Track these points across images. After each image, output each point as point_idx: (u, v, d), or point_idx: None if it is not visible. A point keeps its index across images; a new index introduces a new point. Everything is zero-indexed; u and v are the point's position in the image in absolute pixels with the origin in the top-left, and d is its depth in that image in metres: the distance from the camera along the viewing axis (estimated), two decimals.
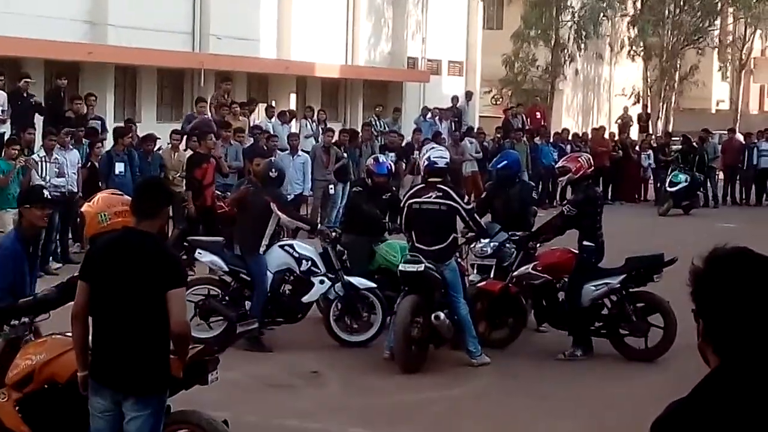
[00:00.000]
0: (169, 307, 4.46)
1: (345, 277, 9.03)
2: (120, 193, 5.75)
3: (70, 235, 12.96)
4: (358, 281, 9.04)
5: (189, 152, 13.74)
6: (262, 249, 8.90)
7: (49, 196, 5.94)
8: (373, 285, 9.07)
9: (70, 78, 17.44)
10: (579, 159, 9.25)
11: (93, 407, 4.64)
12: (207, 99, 17.60)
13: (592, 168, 9.12)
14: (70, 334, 5.18)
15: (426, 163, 8.68)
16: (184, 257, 10.43)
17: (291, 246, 9.13)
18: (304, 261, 9.01)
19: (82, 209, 5.64)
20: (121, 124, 15.79)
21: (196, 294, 8.91)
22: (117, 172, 12.85)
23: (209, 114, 16.51)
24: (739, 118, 36.15)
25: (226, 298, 9.00)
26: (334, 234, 9.27)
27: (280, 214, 8.96)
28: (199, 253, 9.16)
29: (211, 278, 9.37)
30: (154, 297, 4.48)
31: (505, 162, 10.03)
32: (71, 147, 12.96)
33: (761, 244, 2.31)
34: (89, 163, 13.18)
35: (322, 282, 8.97)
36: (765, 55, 47.08)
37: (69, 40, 19.28)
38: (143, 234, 4.63)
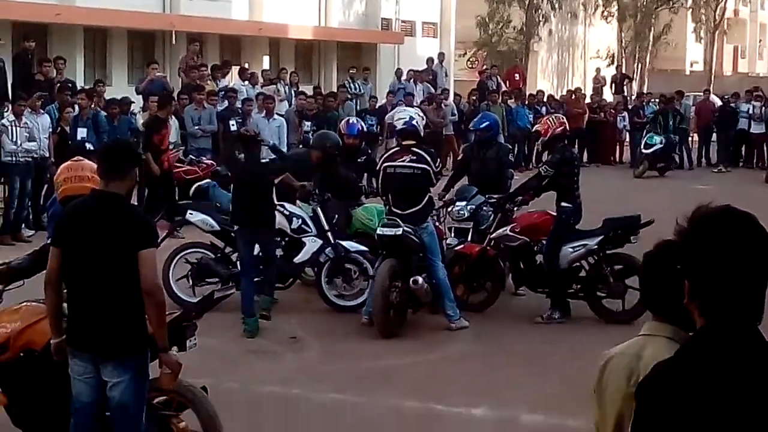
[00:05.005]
0: (140, 268, 4.41)
1: (336, 240, 8.95)
2: (80, 159, 5.68)
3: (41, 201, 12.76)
4: (349, 244, 8.95)
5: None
6: None
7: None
8: (365, 248, 8.88)
9: (38, 40, 17.14)
10: (547, 121, 9.26)
11: (73, 371, 4.60)
12: (161, 62, 17.38)
13: (562, 127, 9.02)
14: (44, 301, 5.13)
15: (394, 126, 8.67)
16: (159, 220, 10.36)
17: (281, 205, 9.02)
18: (294, 219, 8.95)
19: None
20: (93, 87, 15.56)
21: (192, 256, 8.95)
22: (79, 137, 12.63)
23: (167, 76, 16.34)
24: (713, 79, 36.27)
25: (218, 257, 8.95)
26: (326, 196, 9.17)
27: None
28: (190, 213, 9.09)
29: (202, 242, 9.26)
30: (125, 258, 4.43)
31: (487, 123, 9.98)
32: (42, 111, 12.74)
33: (737, 204, 2.26)
34: (59, 128, 12.96)
35: (313, 241, 8.89)
36: (738, 15, 47.22)
37: (36, 1, 18.93)
38: (111, 195, 4.57)
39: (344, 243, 8.94)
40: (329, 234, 8.95)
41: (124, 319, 4.50)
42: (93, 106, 13.53)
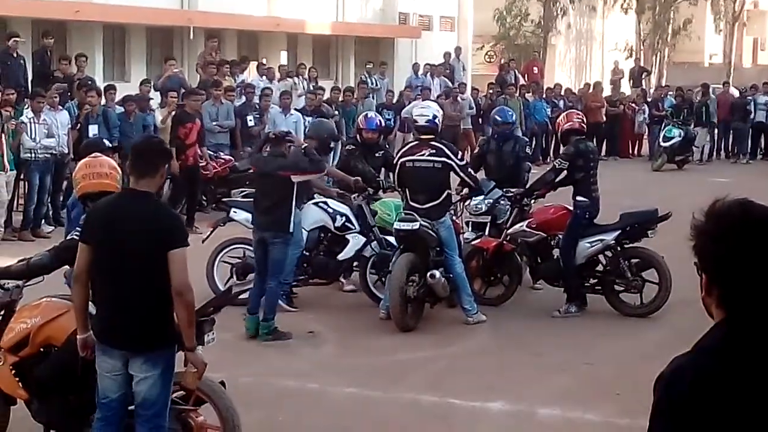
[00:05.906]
0: (171, 268, 4.42)
1: (379, 234, 8.93)
2: (98, 155, 5.72)
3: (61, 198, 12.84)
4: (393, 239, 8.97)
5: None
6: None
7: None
8: None
9: (57, 37, 17.23)
10: (559, 116, 9.46)
11: (100, 367, 4.62)
12: (179, 58, 17.38)
13: (570, 123, 8.96)
14: (63, 297, 5.18)
15: (414, 121, 8.71)
16: (184, 216, 10.35)
17: (325, 203, 9.04)
18: (338, 216, 8.97)
19: None
20: (112, 83, 15.64)
21: (235, 251, 9.01)
22: (90, 134, 12.67)
23: (186, 72, 16.32)
24: (732, 71, 35.99)
25: None
26: (370, 190, 9.16)
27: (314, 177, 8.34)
28: (234, 211, 9.12)
29: (248, 239, 9.26)
30: (155, 257, 4.44)
31: (512, 115, 10.01)
32: (61, 108, 12.81)
33: (756, 197, 2.27)
34: (78, 125, 13.03)
35: (356, 238, 8.92)
36: (758, 7, 46.82)
37: None
38: (141, 194, 4.59)
39: (389, 238, 8.95)
40: (375, 229, 8.96)
41: (154, 314, 4.53)
42: (104, 102, 13.56)
